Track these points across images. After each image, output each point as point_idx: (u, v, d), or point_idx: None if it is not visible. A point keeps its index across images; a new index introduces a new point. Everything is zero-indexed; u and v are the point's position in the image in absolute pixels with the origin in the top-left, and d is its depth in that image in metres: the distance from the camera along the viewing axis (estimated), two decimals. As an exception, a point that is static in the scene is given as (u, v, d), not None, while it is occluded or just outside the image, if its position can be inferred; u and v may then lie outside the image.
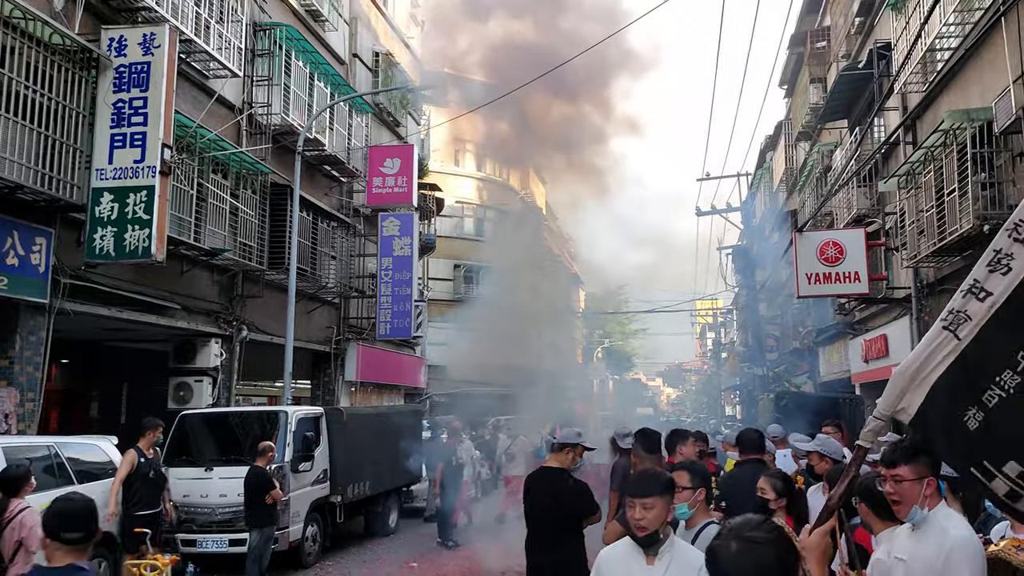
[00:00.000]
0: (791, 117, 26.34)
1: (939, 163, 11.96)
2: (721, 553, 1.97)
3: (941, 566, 2.85)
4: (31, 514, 6.07)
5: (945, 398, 2.22)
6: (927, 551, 2.92)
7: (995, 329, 2.11)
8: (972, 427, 2.17)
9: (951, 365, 2.21)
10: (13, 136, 9.30)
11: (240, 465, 10.06)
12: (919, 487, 3.00)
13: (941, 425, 2.28)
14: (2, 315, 9.91)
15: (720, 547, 1.99)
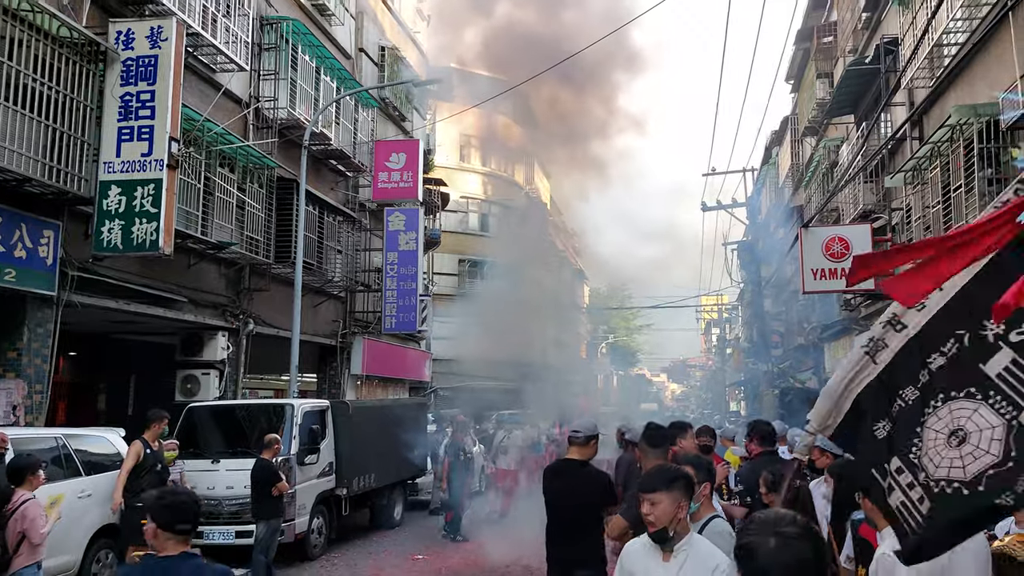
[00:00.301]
0: (797, 112, 26.29)
1: (945, 158, 11.94)
2: (760, 550, 1.97)
3: (946, 561, 2.86)
4: (33, 506, 6.11)
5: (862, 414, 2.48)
6: None
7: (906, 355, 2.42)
8: (880, 436, 2.43)
9: (868, 386, 2.48)
10: (21, 129, 9.34)
11: (247, 457, 10.12)
12: None
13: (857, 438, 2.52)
14: (10, 307, 9.96)
15: (757, 543, 1.98)
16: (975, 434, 2.22)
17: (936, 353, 2.36)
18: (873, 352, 2.48)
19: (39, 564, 6.21)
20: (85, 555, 8.48)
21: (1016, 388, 2.22)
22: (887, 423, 2.40)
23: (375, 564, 10.76)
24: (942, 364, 2.34)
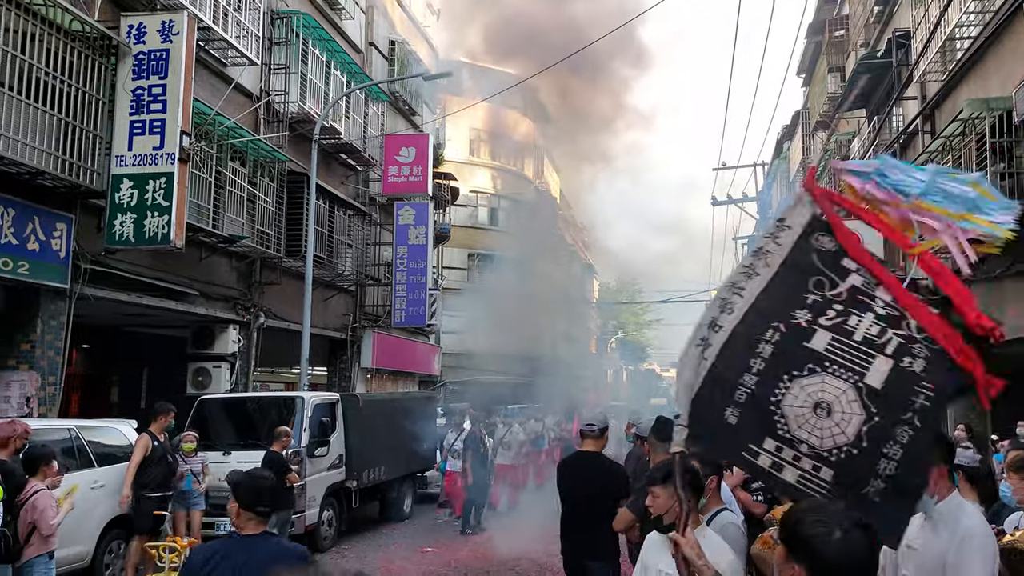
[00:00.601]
0: (809, 106, 26.16)
1: (958, 153, 11.87)
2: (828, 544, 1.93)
3: (953, 556, 2.85)
4: (43, 497, 6.16)
5: (708, 404, 2.62)
6: (939, 541, 2.93)
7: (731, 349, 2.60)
8: (732, 422, 2.56)
9: (706, 377, 2.63)
10: (34, 123, 9.41)
11: (257, 449, 10.18)
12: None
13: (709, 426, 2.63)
14: (23, 300, 10.04)
15: (822, 538, 1.94)
16: (835, 401, 2.43)
17: (762, 342, 2.55)
18: (703, 348, 2.68)
19: (51, 554, 6.26)
20: (97, 546, 8.55)
21: (846, 356, 2.47)
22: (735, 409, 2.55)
23: (385, 556, 10.81)
24: (771, 351, 2.53)
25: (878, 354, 2.49)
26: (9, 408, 9.81)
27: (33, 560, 6.10)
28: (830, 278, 2.63)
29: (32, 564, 6.11)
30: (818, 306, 2.56)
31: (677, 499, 3.13)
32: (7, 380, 9.99)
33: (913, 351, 2.50)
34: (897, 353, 2.48)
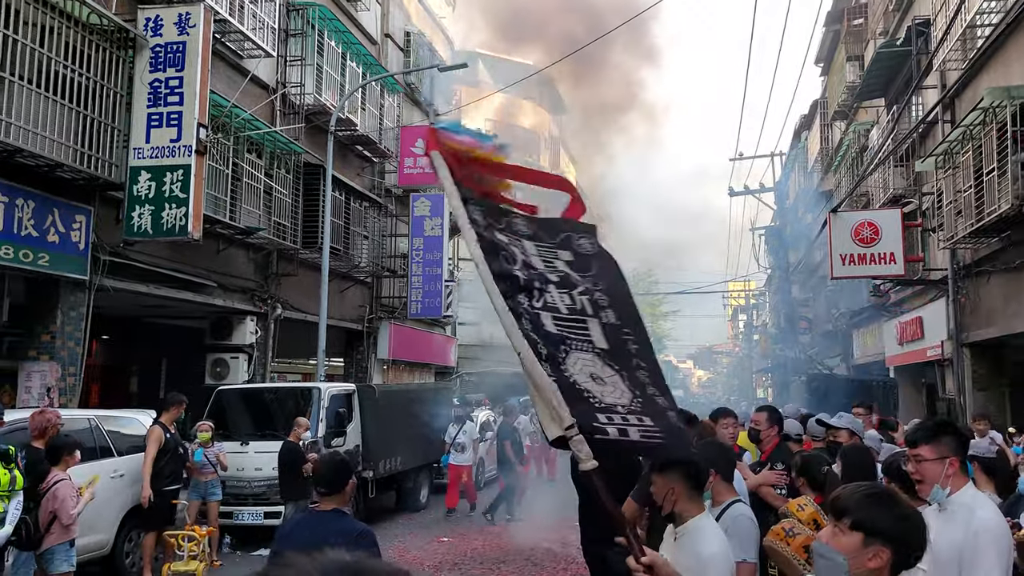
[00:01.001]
0: (827, 96, 25.93)
1: (978, 142, 11.74)
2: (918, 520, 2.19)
3: (967, 548, 2.83)
4: (64, 486, 6.24)
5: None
6: (953, 533, 2.91)
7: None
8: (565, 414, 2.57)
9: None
10: (53, 115, 9.49)
11: (275, 440, 10.26)
12: (940, 467, 2.98)
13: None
14: (44, 291, 10.16)
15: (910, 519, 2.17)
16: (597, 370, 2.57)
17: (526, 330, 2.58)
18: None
19: (71, 543, 6.34)
20: (117, 535, 8.65)
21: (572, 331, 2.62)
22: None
23: (401, 546, 10.87)
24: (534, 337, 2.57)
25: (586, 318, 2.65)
26: (30, 398, 9.94)
27: (53, 548, 6.19)
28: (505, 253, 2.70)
29: (52, 552, 6.20)
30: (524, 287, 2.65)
31: (670, 490, 3.21)
32: (28, 371, 10.12)
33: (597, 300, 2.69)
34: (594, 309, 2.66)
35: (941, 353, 14.54)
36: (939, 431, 3.08)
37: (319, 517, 3.80)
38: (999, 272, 12.40)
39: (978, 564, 2.79)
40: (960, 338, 13.92)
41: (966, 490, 3.02)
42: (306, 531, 3.76)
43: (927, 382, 17.10)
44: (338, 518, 3.70)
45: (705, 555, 3.06)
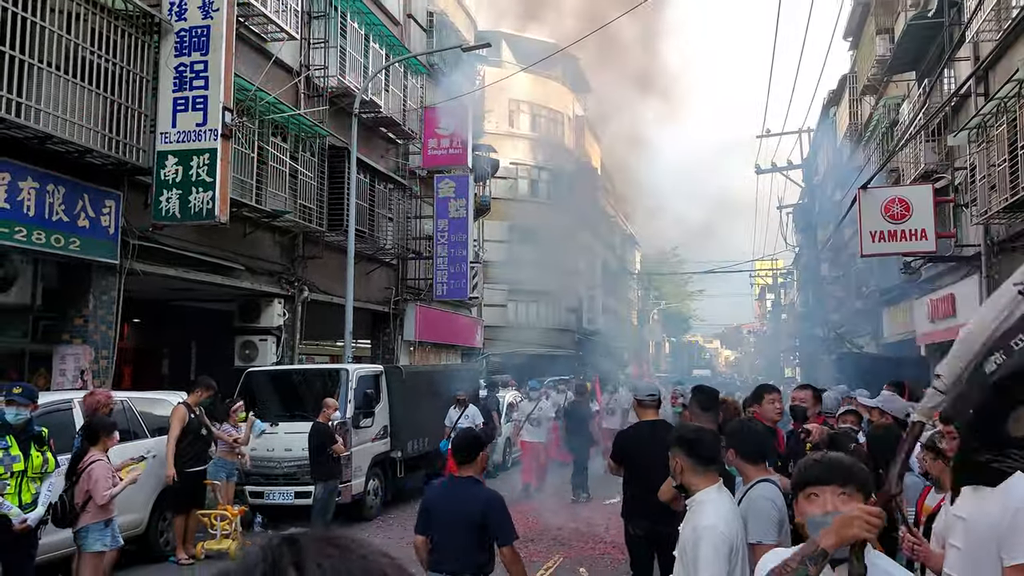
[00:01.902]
0: (856, 70, 25.49)
1: (1012, 115, 11.48)
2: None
3: (1005, 527, 2.78)
4: (99, 467, 6.34)
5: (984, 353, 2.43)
6: (990, 511, 2.85)
7: None
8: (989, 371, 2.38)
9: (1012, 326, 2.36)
10: (81, 101, 9.57)
11: (304, 420, 10.36)
12: None
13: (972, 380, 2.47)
14: (75, 276, 10.30)
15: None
16: None
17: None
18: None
19: (107, 522, 6.44)
20: (151, 514, 8.80)
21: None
22: (1000, 355, 2.37)
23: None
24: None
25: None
26: (64, 381, 10.11)
27: (88, 527, 6.30)
28: None
29: (87, 531, 6.31)
30: None
31: (676, 463, 3.42)
32: (62, 354, 10.29)
33: None
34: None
35: (974, 330, 14.32)
36: None
37: (459, 483, 4.52)
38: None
39: (1017, 543, 2.74)
40: (993, 315, 13.70)
41: None
42: (448, 494, 4.54)
43: (959, 360, 16.85)
44: (473, 484, 4.48)
45: (700, 527, 3.18)
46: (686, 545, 3.32)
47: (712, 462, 3.50)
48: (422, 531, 4.46)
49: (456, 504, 4.40)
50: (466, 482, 4.47)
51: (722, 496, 3.41)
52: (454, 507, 4.40)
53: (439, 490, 4.71)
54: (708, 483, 3.40)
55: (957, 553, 2.97)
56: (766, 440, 4.32)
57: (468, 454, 4.51)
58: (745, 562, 3.24)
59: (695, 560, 3.19)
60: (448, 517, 4.37)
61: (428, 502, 4.56)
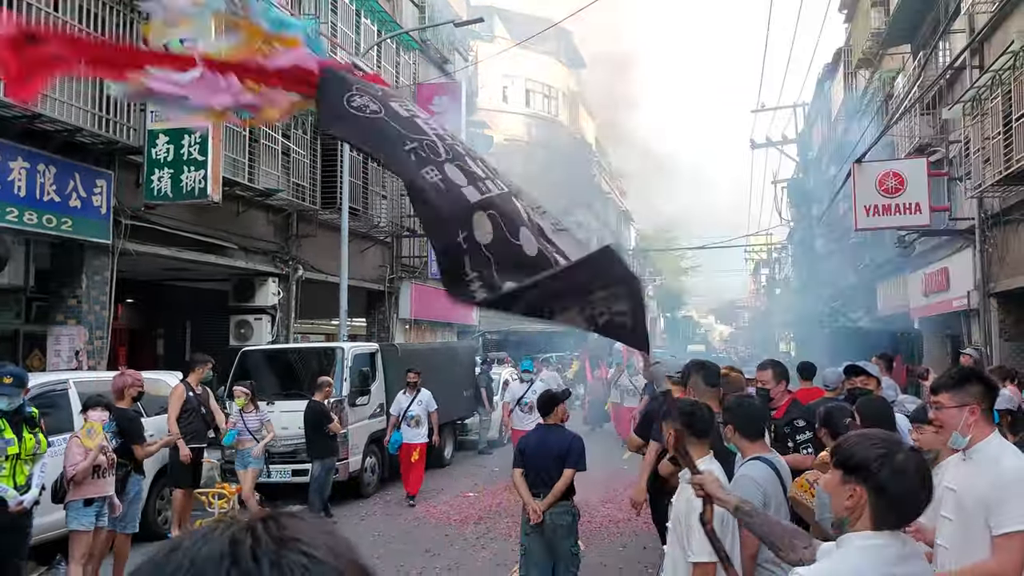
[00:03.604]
0: (851, 44, 25.35)
1: (1007, 87, 11.45)
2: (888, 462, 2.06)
3: (993, 497, 2.82)
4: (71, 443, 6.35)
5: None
6: (979, 482, 2.89)
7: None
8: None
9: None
10: (70, 79, 9.47)
11: (300, 399, 10.38)
12: (960, 414, 2.97)
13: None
14: (68, 256, 10.26)
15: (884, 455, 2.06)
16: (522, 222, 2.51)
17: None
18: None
19: (88, 501, 6.35)
20: (149, 493, 8.81)
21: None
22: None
23: (427, 501, 11.02)
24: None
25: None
26: (60, 362, 10.11)
27: (69, 504, 6.31)
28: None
29: (69, 508, 6.32)
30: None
31: (670, 434, 3.47)
32: (57, 334, 10.28)
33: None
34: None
35: (967, 304, 14.37)
36: (964, 379, 3.07)
37: (547, 429, 6.11)
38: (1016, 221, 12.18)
39: (1005, 510, 2.77)
40: (987, 288, 13.74)
41: (992, 439, 2.98)
42: (539, 437, 6.06)
43: (951, 333, 16.94)
44: (558, 430, 6.11)
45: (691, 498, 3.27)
46: (680, 516, 3.39)
47: (705, 435, 3.63)
48: (519, 465, 6.00)
49: (546, 444, 5.95)
50: (552, 428, 6.10)
51: (712, 468, 3.48)
52: (544, 446, 5.94)
53: (532, 436, 6.20)
54: (700, 455, 3.52)
55: (949, 524, 3.00)
56: (765, 416, 4.34)
57: (547, 409, 6.14)
58: (735, 534, 3.30)
59: (687, 530, 3.26)
60: (540, 452, 5.92)
61: (523, 444, 6.17)
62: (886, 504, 2.03)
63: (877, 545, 2.01)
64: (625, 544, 8.69)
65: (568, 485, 5.85)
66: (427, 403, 11.30)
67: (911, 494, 2.03)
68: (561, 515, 5.84)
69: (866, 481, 2.05)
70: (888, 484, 2.02)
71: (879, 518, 2.04)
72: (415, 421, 11.11)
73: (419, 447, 11.08)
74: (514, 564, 7.99)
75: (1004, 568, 2.74)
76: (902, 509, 2.04)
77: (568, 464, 5.84)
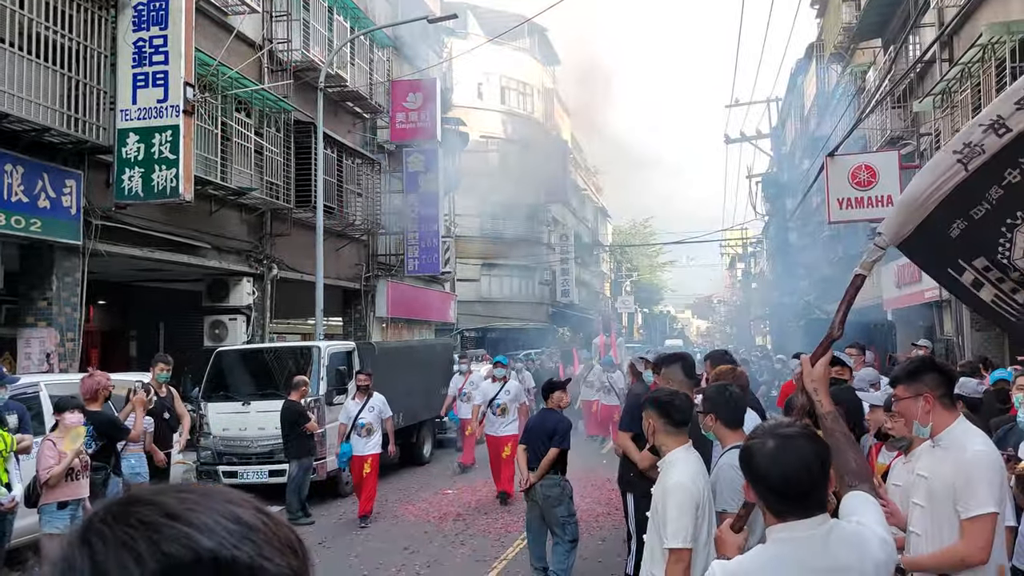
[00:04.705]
0: (823, 38, 25.56)
1: (976, 79, 11.59)
2: (758, 451, 2.01)
3: (959, 483, 2.86)
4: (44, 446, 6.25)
5: (938, 219, 2.50)
6: (946, 468, 2.93)
7: (1000, 158, 2.40)
8: (954, 235, 2.49)
9: (952, 192, 2.45)
10: (38, 79, 9.33)
11: (276, 399, 10.30)
12: (916, 404, 3.02)
13: (928, 242, 2.56)
14: (38, 258, 10.11)
15: (756, 446, 2.03)
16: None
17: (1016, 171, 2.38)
18: (967, 159, 2.43)
19: (63, 504, 6.24)
20: (122, 495, 8.69)
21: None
22: (962, 222, 2.46)
23: (406, 499, 10.99)
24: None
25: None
26: (31, 364, 9.96)
27: (43, 507, 6.22)
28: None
29: (42, 511, 6.23)
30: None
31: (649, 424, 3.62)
32: (27, 337, 10.12)
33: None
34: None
35: (939, 295, 14.54)
36: (919, 370, 3.12)
37: (546, 412, 7.35)
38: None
39: (971, 495, 2.82)
40: (958, 279, 13.91)
41: (957, 425, 3.02)
42: (538, 419, 7.31)
43: (924, 324, 17.14)
44: (551, 413, 7.30)
45: (669, 485, 3.38)
46: (657, 504, 3.42)
47: (683, 424, 3.65)
48: (524, 442, 7.12)
49: (540, 425, 7.14)
50: (547, 412, 7.36)
51: (690, 456, 3.55)
52: (539, 427, 7.12)
53: (534, 418, 7.47)
54: (678, 444, 3.57)
55: (920, 511, 3.04)
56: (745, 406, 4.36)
57: (546, 395, 7.54)
58: (712, 522, 3.34)
59: (664, 514, 3.29)
60: (536, 432, 7.07)
61: (528, 424, 7.40)
62: (764, 491, 2.01)
63: (794, 537, 1.96)
64: (604, 538, 8.72)
65: (553, 461, 6.81)
66: (380, 409, 10.19)
67: (783, 479, 1.96)
68: (550, 487, 6.79)
69: (747, 473, 2.07)
70: (758, 473, 2.00)
71: (772, 509, 2.01)
72: (366, 430, 9.92)
73: (371, 459, 9.84)
74: (494, 560, 8.00)
75: (971, 551, 2.79)
76: (785, 496, 1.98)
77: (554, 443, 6.86)
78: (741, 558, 2.12)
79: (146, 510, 0.75)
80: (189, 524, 0.74)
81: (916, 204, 2.53)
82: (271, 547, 0.77)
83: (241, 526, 0.76)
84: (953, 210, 2.48)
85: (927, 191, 2.50)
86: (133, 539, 0.73)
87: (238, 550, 0.74)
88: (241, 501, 0.80)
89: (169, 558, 0.71)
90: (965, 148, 2.43)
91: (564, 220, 40.80)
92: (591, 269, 48.71)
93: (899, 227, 2.58)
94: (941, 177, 2.47)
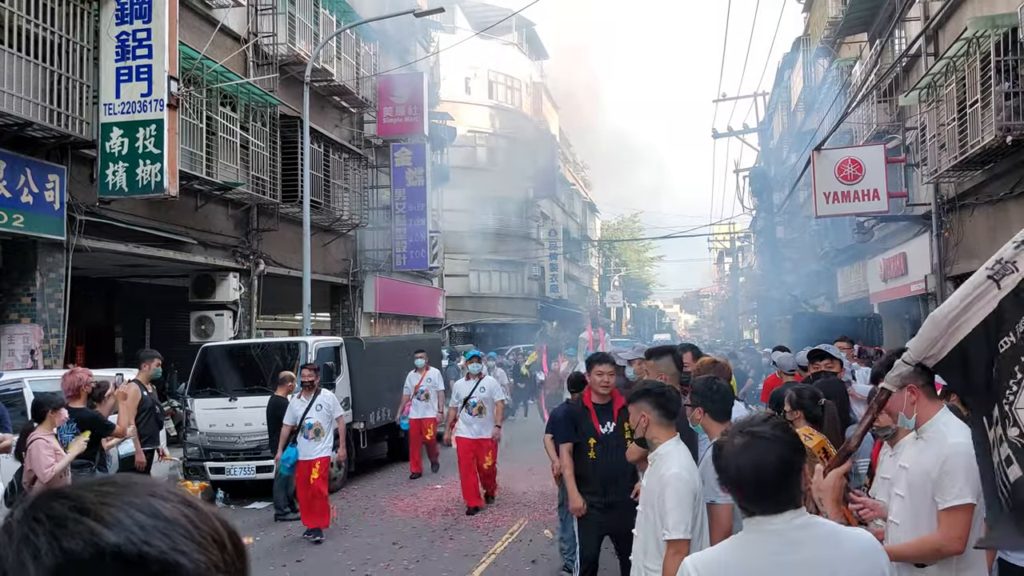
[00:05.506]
0: (809, 33, 25.63)
1: (961, 73, 11.64)
2: (726, 447, 2.04)
3: (937, 473, 2.87)
4: (39, 445, 6.17)
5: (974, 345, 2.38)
6: (926, 458, 2.95)
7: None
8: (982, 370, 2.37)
9: (989, 315, 2.33)
10: (19, 72, 9.24)
11: (263, 395, 10.26)
12: (901, 396, 3.02)
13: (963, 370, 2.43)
14: (21, 253, 10.02)
15: (725, 442, 2.05)
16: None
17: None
18: (999, 276, 2.33)
19: None
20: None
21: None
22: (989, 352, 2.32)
23: (393, 495, 10.97)
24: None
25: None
26: (14, 361, 9.87)
27: None
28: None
29: None
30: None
31: (641, 417, 3.60)
32: (11, 334, 10.03)
33: None
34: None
35: (925, 287, 14.63)
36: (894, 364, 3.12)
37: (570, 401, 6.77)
38: (983, 205, 12.41)
39: (949, 485, 2.83)
40: (944, 272, 14.00)
41: (939, 416, 3.03)
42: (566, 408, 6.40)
43: (910, 317, 17.25)
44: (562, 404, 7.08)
45: (665, 476, 3.38)
46: (652, 494, 3.42)
47: (675, 416, 3.69)
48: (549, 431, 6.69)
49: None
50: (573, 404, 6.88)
51: (680, 448, 3.59)
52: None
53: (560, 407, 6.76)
54: (669, 436, 3.60)
55: (900, 501, 3.06)
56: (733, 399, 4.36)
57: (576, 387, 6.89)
58: (704, 513, 3.36)
59: (663, 506, 3.30)
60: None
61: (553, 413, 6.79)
62: (733, 487, 2.04)
63: (765, 530, 1.97)
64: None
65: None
66: (330, 407, 8.97)
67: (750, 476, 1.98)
68: None
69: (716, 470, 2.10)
70: (727, 470, 2.03)
71: (741, 504, 2.04)
72: (314, 431, 8.75)
73: (319, 463, 8.68)
74: (482, 555, 7.99)
75: (949, 541, 2.81)
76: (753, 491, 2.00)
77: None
78: (712, 550, 2.14)
79: (59, 504, 0.75)
80: (97, 519, 0.73)
81: (944, 322, 2.43)
82: (190, 541, 0.75)
83: (158, 520, 0.75)
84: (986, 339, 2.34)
85: (956, 309, 2.41)
86: (36, 534, 0.73)
87: (148, 545, 0.73)
88: (166, 494, 0.79)
89: (68, 554, 0.71)
90: (997, 264, 2.35)
91: (553, 215, 40.78)
92: (580, 264, 48.76)
93: (927, 344, 2.49)
94: (972, 295, 2.38)
